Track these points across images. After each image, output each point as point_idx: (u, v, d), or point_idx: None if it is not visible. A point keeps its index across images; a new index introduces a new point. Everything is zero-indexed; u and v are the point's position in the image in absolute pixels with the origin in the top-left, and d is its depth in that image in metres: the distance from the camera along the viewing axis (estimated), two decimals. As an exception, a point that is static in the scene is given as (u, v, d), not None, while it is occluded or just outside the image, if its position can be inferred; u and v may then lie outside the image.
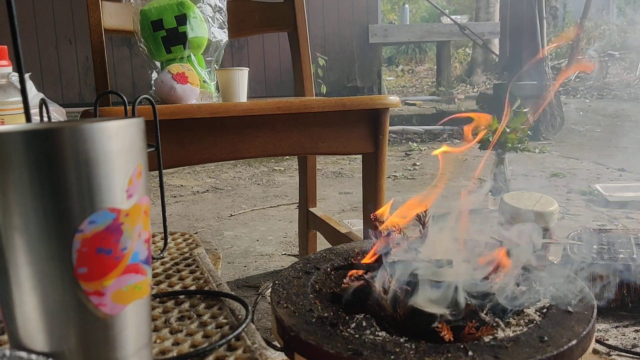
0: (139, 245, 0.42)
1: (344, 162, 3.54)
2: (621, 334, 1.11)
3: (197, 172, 3.30)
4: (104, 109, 0.97)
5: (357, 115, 1.14)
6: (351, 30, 5.23)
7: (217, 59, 1.34)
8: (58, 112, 0.99)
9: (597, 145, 3.68)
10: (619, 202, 2.24)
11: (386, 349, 0.56)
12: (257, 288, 1.51)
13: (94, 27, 1.20)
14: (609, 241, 1.35)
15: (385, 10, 10.44)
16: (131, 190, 0.40)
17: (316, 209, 1.61)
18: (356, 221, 2.10)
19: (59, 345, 0.40)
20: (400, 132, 4.41)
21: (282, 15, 1.50)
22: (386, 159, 1.18)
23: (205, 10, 1.32)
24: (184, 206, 2.49)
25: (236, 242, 1.93)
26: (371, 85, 5.31)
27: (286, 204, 2.49)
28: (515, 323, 0.63)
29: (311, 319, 0.62)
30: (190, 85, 1.13)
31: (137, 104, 0.71)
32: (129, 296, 0.41)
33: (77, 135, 0.37)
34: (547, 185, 2.68)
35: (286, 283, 0.73)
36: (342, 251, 0.86)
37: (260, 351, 0.54)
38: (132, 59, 4.83)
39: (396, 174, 3.07)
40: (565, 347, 0.56)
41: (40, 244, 0.38)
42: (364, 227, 1.25)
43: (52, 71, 4.81)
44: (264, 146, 1.09)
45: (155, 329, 0.59)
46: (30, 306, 0.39)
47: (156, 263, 0.82)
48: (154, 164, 0.67)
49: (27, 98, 0.49)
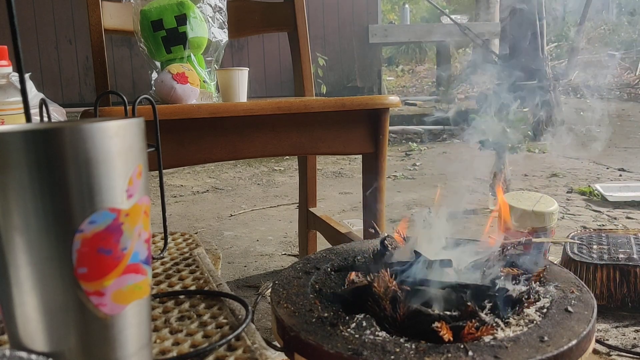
0: (139, 245, 0.42)
1: (344, 162, 3.54)
2: (621, 334, 1.11)
3: (197, 172, 3.30)
4: (104, 109, 0.97)
5: (357, 115, 1.14)
6: (351, 30, 5.23)
7: (217, 59, 1.34)
8: (58, 112, 0.99)
9: (597, 145, 3.68)
10: (619, 202, 2.24)
11: (386, 349, 0.56)
12: (257, 288, 1.51)
13: (94, 27, 1.20)
14: (609, 241, 1.35)
15: (385, 10, 10.44)
16: (131, 190, 0.40)
17: (316, 209, 1.61)
18: (356, 221, 2.10)
19: (59, 345, 0.40)
20: (400, 132, 4.41)
21: (282, 15, 1.50)
22: (386, 159, 1.18)
23: (205, 10, 1.32)
24: (184, 206, 2.49)
25: (236, 242, 1.93)
26: (371, 85, 5.31)
27: (286, 204, 2.49)
28: (515, 323, 0.63)
29: (311, 319, 0.62)
30: (190, 85, 1.13)
31: (137, 104, 0.71)
32: (129, 296, 0.41)
33: (77, 135, 0.37)
34: (547, 185, 2.68)
35: (286, 283, 0.73)
36: (342, 251, 0.86)
37: (260, 351, 0.54)
38: (132, 59, 4.83)
39: (396, 174, 3.07)
40: (565, 347, 0.56)
41: (40, 244, 0.38)
42: (364, 227, 1.25)
43: (52, 71, 4.81)
44: (264, 146, 1.09)
45: (155, 329, 0.59)
46: (30, 306, 0.39)
47: (156, 263, 0.82)
48: (154, 164, 0.67)
49: (27, 98, 0.49)
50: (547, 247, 1.34)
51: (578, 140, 3.85)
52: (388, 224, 1.99)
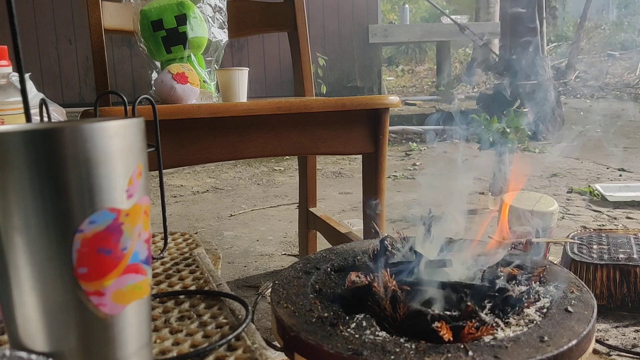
0: (139, 245, 0.42)
1: (344, 162, 3.54)
2: (621, 334, 1.11)
3: (197, 172, 3.30)
4: (104, 109, 0.97)
5: (357, 115, 1.14)
6: (351, 30, 5.23)
7: (217, 59, 1.34)
8: (58, 112, 0.99)
9: (597, 145, 3.68)
10: (619, 202, 2.24)
11: (386, 349, 0.56)
12: (257, 288, 1.51)
13: (94, 27, 1.20)
14: (609, 241, 1.35)
15: (385, 10, 10.44)
16: (131, 190, 0.40)
17: (316, 209, 1.61)
18: (356, 221, 2.10)
19: (59, 345, 0.40)
20: (400, 132, 4.41)
21: (282, 15, 1.50)
22: (386, 159, 1.18)
23: (205, 10, 1.32)
24: (184, 206, 2.49)
25: (236, 242, 1.93)
26: (371, 85, 5.31)
27: (286, 204, 2.49)
28: (515, 323, 0.63)
29: (311, 319, 0.62)
30: (190, 85, 1.13)
31: (137, 104, 0.71)
32: (129, 296, 0.41)
33: (77, 135, 0.37)
34: (547, 185, 2.68)
35: (286, 283, 0.73)
36: (342, 251, 0.85)
37: (260, 351, 0.54)
38: (132, 59, 4.82)
39: (396, 174, 3.07)
40: (565, 347, 0.56)
41: (40, 244, 0.38)
42: (364, 227, 1.25)
43: (52, 71, 4.81)
44: (264, 146, 1.09)
45: (155, 329, 0.59)
46: (30, 306, 0.39)
47: (156, 263, 0.82)
48: (154, 164, 0.67)
49: (27, 98, 0.49)
50: (547, 247, 1.34)
51: (578, 140, 3.85)
52: (388, 224, 1.99)
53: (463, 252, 0.77)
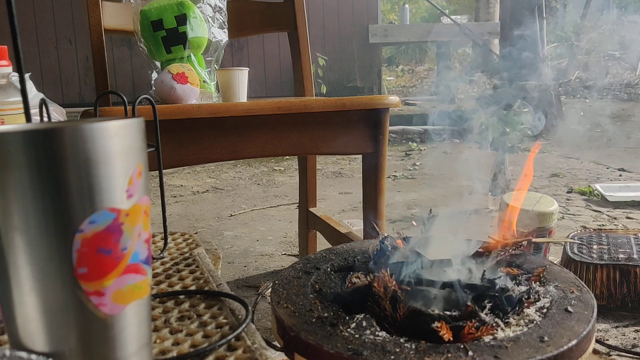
0: (139, 245, 0.42)
1: (344, 162, 3.54)
2: (621, 334, 1.11)
3: (197, 172, 3.30)
4: (104, 109, 0.97)
5: (357, 115, 1.14)
6: (351, 30, 5.23)
7: (217, 59, 1.34)
8: (58, 112, 0.99)
9: (597, 145, 3.68)
10: (619, 202, 2.24)
11: (386, 349, 0.56)
12: (257, 288, 1.51)
13: (94, 27, 1.20)
14: (609, 241, 1.35)
15: (385, 10, 10.44)
16: (131, 190, 0.40)
17: (316, 209, 1.61)
18: (356, 221, 2.10)
19: (59, 345, 0.40)
20: (400, 132, 4.41)
21: (282, 15, 1.50)
22: (386, 159, 1.18)
23: (205, 10, 1.32)
24: (184, 206, 2.49)
25: (236, 242, 1.93)
26: (371, 85, 5.31)
27: (286, 204, 2.49)
28: (515, 323, 0.63)
29: (311, 319, 0.62)
30: (190, 85, 1.13)
31: (137, 104, 0.71)
32: (129, 296, 0.41)
33: (77, 135, 0.37)
34: (547, 185, 2.68)
35: (286, 283, 0.73)
36: (342, 251, 0.85)
37: (260, 351, 0.54)
38: (132, 59, 4.82)
39: (396, 174, 3.07)
40: (565, 347, 0.56)
41: (40, 244, 0.38)
42: (364, 227, 1.25)
43: (52, 71, 4.81)
44: (264, 146, 1.09)
45: (155, 329, 0.59)
46: (30, 306, 0.39)
47: (156, 263, 0.82)
48: (154, 164, 0.67)
49: (27, 98, 0.49)
50: (546, 246, 1.34)
51: (578, 140, 3.85)
52: (388, 224, 1.99)
53: (463, 252, 0.77)
